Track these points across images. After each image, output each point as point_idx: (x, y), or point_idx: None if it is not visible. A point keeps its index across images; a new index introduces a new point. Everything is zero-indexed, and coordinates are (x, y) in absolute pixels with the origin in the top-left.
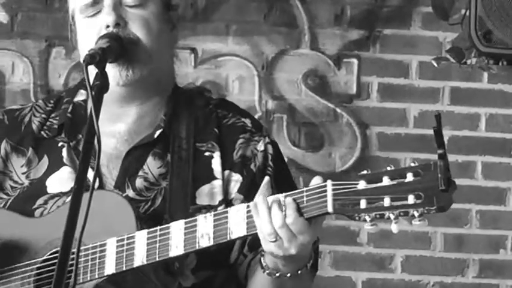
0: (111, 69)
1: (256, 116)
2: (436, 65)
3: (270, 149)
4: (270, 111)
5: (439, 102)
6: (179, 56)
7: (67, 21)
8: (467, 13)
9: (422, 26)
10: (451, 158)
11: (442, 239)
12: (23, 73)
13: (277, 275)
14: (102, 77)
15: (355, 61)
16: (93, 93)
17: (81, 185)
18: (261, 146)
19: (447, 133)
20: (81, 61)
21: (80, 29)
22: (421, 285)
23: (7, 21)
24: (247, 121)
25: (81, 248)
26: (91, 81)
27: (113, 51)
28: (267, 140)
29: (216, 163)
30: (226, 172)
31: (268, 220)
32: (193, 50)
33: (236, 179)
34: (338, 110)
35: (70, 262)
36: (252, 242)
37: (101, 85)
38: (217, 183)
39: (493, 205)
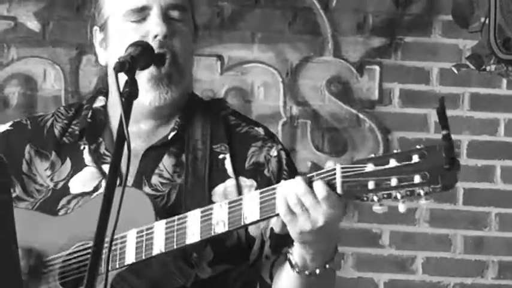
0: (152, 92)
1: (280, 122)
2: (456, 71)
3: (284, 155)
4: (294, 116)
5: (459, 108)
6: (206, 63)
7: (91, 26)
8: (487, 21)
9: (443, 33)
10: (471, 162)
11: (462, 241)
12: (54, 80)
13: (307, 273)
14: (132, 84)
15: (377, 68)
16: (123, 99)
17: (112, 186)
18: (274, 152)
19: (467, 138)
20: (113, 66)
21: (120, 32)
22: (441, 286)
23: (39, 29)
24: (260, 130)
25: (104, 240)
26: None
27: (142, 59)
28: (280, 146)
29: (228, 164)
30: (238, 177)
31: (293, 190)
32: (220, 57)
33: (249, 184)
34: (361, 116)
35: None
36: (274, 244)
37: (131, 92)
38: (231, 183)
39: None
